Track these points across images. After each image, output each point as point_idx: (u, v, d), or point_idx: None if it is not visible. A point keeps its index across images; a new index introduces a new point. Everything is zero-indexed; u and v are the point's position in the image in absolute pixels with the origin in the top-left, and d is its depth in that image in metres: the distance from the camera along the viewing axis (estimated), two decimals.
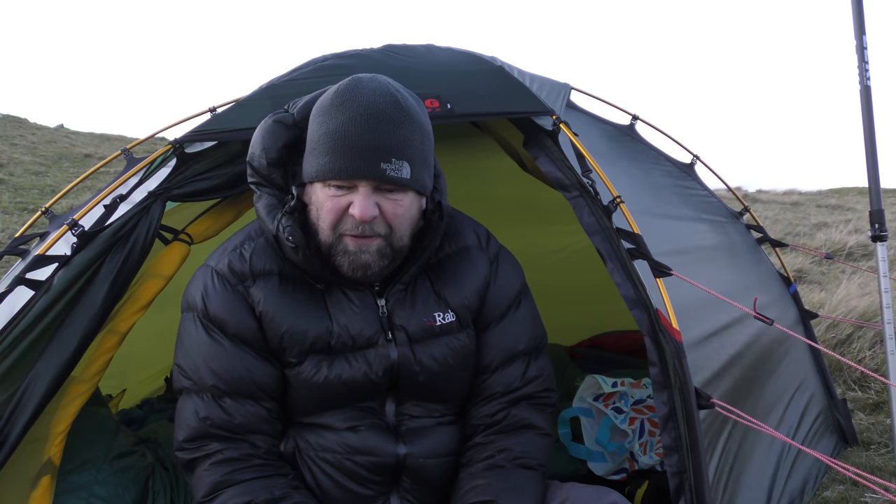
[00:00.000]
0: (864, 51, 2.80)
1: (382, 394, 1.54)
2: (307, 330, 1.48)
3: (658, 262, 1.74)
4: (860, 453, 2.91)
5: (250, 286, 1.49)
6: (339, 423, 1.52)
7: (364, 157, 1.37)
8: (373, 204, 1.39)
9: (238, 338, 1.48)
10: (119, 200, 1.79)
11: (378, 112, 1.37)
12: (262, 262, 1.51)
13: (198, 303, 1.49)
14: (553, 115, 1.92)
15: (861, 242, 7.08)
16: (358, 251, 1.43)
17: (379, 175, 1.37)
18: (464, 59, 2.03)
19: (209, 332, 1.48)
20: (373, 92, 1.39)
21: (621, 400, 2.48)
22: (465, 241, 1.64)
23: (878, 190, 2.81)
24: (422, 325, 1.53)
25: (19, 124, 11.99)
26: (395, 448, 1.52)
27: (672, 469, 1.60)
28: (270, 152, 1.48)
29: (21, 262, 1.91)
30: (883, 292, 2.74)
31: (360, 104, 1.38)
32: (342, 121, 1.38)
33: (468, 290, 1.60)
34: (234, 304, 1.48)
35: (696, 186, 2.75)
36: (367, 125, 1.37)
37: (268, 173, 1.49)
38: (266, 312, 1.48)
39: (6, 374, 1.59)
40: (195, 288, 1.52)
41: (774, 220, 8.98)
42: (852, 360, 3.66)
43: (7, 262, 3.69)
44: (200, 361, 1.47)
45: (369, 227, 1.41)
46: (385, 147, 1.37)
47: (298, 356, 1.49)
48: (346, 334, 1.49)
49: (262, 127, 1.51)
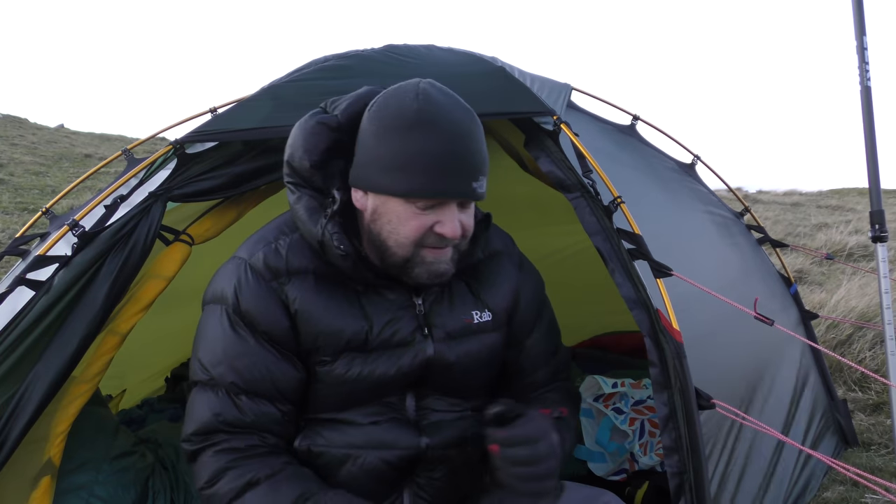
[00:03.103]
0: (864, 51, 2.80)
1: (404, 388, 1.56)
2: (343, 329, 1.47)
3: (658, 262, 1.74)
4: (860, 454, 2.91)
5: (285, 283, 1.47)
6: (362, 418, 1.52)
7: (459, 178, 1.38)
8: (459, 222, 1.42)
9: (267, 335, 1.46)
10: (120, 201, 1.79)
11: (465, 131, 1.39)
12: (298, 260, 1.49)
13: (229, 296, 1.46)
14: (554, 115, 1.92)
15: (861, 243, 7.08)
16: (436, 262, 1.44)
17: (470, 193, 1.40)
18: (464, 60, 2.03)
19: (235, 327, 1.46)
20: (452, 107, 1.40)
21: (621, 400, 2.48)
22: (496, 246, 1.67)
23: (879, 190, 2.81)
24: (461, 322, 1.56)
25: (19, 124, 12.00)
26: (418, 440, 1.53)
27: (672, 469, 1.60)
28: (314, 154, 1.46)
29: (21, 263, 1.91)
30: (883, 293, 2.74)
31: (447, 122, 1.38)
32: (435, 141, 1.37)
33: (503, 293, 1.63)
34: (267, 301, 1.46)
35: (699, 186, 2.76)
36: (462, 145, 1.38)
37: (309, 175, 1.47)
38: (302, 311, 1.46)
39: (7, 374, 1.59)
40: (226, 280, 1.48)
41: (775, 221, 8.98)
42: (853, 361, 3.66)
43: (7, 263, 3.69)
44: (222, 356, 1.45)
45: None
46: (475, 166, 1.39)
47: (333, 354, 1.48)
48: (383, 333, 1.49)
49: (303, 127, 1.48)
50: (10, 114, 12.50)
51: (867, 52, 2.80)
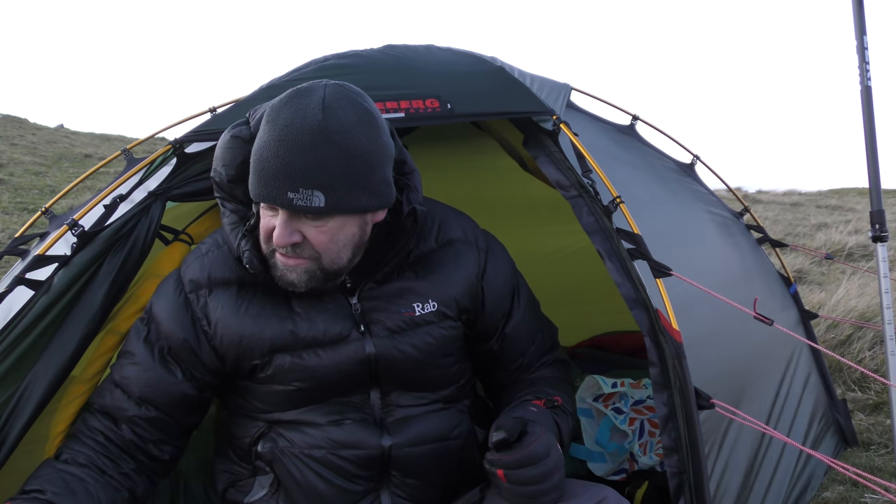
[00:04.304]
0: (864, 51, 2.80)
1: (364, 387, 1.56)
2: (263, 331, 1.50)
3: (658, 262, 1.74)
4: (860, 454, 2.91)
5: (206, 296, 1.53)
6: (321, 418, 1.54)
7: (272, 185, 1.34)
8: (290, 231, 1.38)
9: (166, 342, 1.54)
10: (119, 200, 1.79)
11: (288, 139, 1.32)
12: (220, 272, 1.54)
13: (152, 299, 1.60)
14: (553, 115, 1.92)
15: (861, 243, 7.08)
16: (285, 269, 1.44)
17: (286, 203, 1.34)
18: (464, 60, 2.03)
19: (140, 323, 1.59)
20: (294, 112, 1.34)
21: (621, 400, 2.48)
22: (451, 234, 1.65)
23: (879, 190, 2.81)
24: (400, 316, 1.55)
25: (19, 124, 12.00)
26: (380, 440, 1.53)
27: (672, 469, 1.60)
28: (230, 169, 1.47)
29: (21, 262, 1.91)
30: (883, 293, 2.74)
31: (277, 127, 1.34)
32: (261, 144, 1.36)
33: (454, 282, 1.61)
34: (176, 311, 1.54)
35: (698, 186, 2.76)
36: (276, 151, 1.33)
37: (229, 189, 1.49)
38: (222, 320, 1.51)
39: (6, 374, 1.59)
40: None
41: (774, 221, 8.99)
42: (852, 361, 3.66)
43: (7, 262, 3.69)
44: (124, 346, 1.61)
45: (292, 250, 1.41)
46: (290, 176, 1.32)
47: (261, 356, 1.52)
48: (311, 332, 1.51)
49: (221, 141, 1.50)
50: (10, 114, 12.50)
51: (867, 52, 2.80)
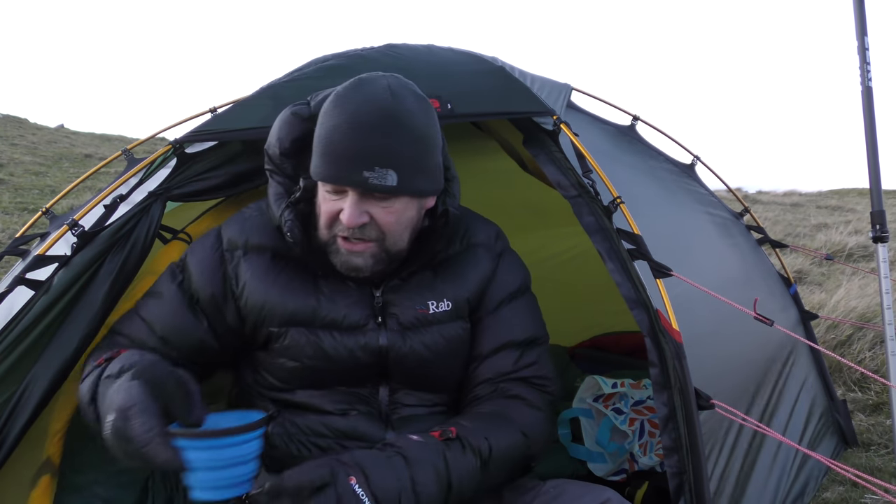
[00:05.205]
0: (865, 51, 2.80)
1: (375, 380, 1.57)
2: (287, 301, 1.53)
3: (658, 262, 1.74)
4: (860, 454, 2.91)
5: (241, 257, 1.56)
6: (328, 404, 1.55)
7: (347, 166, 1.39)
8: (360, 211, 1.42)
9: (196, 294, 1.56)
10: (119, 200, 1.79)
11: (362, 121, 1.38)
12: (258, 237, 1.57)
13: (187, 250, 1.62)
14: (554, 115, 1.92)
15: (861, 243, 7.08)
16: (349, 254, 1.47)
17: (361, 183, 1.38)
18: (464, 59, 2.02)
19: (172, 270, 1.60)
20: (365, 97, 1.40)
21: (621, 401, 2.48)
22: (476, 238, 1.67)
23: (880, 191, 2.81)
24: (414, 312, 1.56)
25: (19, 124, 11.99)
26: (384, 435, 1.54)
27: (672, 470, 1.60)
28: (284, 143, 1.53)
29: (21, 263, 1.91)
30: (884, 293, 2.74)
31: (348, 111, 1.39)
32: (331, 126, 1.41)
33: (469, 284, 1.62)
34: (210, 265, 1.56)
35: (698, 186, 2.76)
36: (352, 134, 1.38)
37: (280, 162, 1.54)
38: (251, 283, 1.54)
39: (6, 374, 1.59)
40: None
41: (774, 221, 8.98)
42: (852, 361, 3.66)
43: (7, 263, 3.69)
44: (149, 289, 1.62)
45: (359, 231, 1.44)
46: (367, 156, 1.38)
47: (280, 325, 1.53)
48: (332, 313, 1.53)
49: (280, 117, 1.56)
50: (10, 114, 12.49)
51: (868, 53, 2.80)
